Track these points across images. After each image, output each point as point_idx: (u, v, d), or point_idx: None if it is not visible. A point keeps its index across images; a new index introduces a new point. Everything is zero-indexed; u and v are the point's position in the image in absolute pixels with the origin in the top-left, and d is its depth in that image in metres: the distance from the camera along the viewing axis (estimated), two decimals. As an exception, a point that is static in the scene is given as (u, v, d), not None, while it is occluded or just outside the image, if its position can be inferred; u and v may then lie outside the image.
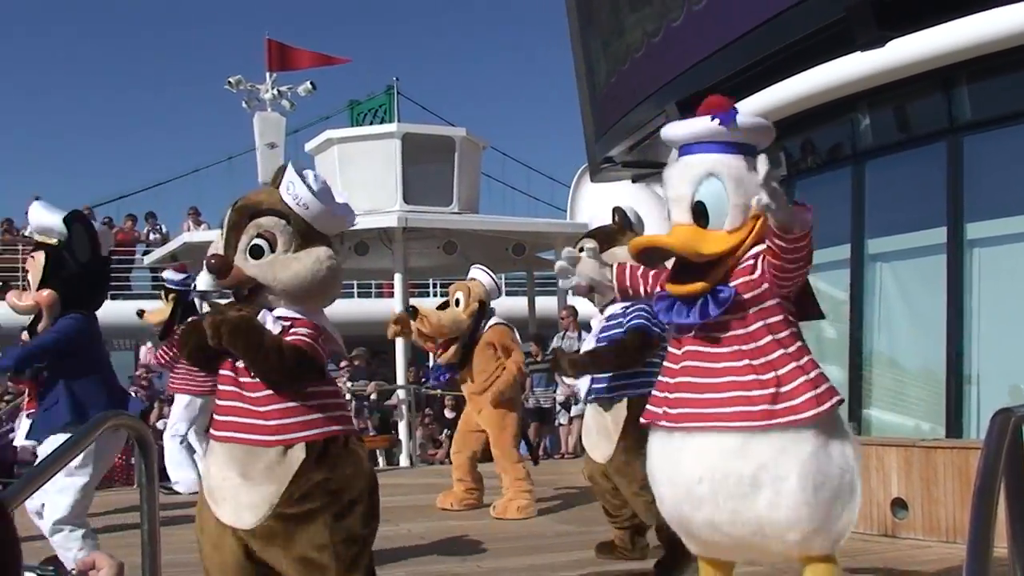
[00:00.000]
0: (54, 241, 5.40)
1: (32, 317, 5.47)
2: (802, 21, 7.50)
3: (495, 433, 8.11)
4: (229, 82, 16.11)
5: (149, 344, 8.74)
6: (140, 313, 9.87)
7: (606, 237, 5.93)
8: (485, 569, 5.98)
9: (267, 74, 16.17)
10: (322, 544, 3.64)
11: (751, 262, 3.75)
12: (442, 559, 6.33)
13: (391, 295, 16.05)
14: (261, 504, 3.59)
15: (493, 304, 8.27)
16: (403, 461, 13.07)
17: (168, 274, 9.70)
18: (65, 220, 5.41)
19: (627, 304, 5.58)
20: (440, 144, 14.86)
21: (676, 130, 3.97)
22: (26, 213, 5.53)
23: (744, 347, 3.70)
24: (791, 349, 3.74)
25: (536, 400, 13.72)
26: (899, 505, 6.36)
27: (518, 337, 8.37)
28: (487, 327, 8.14)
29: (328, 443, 3.71)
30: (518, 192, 29.16)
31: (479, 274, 8.37)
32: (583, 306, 10.39)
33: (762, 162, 3.52)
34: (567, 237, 14.88)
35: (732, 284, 3.72)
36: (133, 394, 13.22)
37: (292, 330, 3.71)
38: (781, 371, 3.67)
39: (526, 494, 7.97)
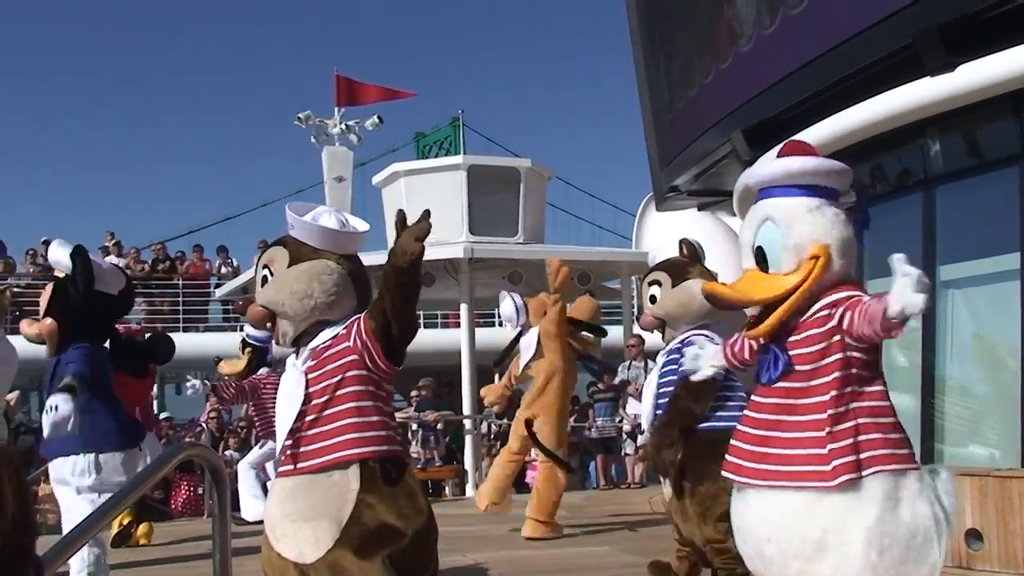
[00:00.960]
0: (62, 275, 5.75)
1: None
2: (870, 47, 7.45)
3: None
4: (299, 117, 16.39)
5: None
6: (217, 361, 9.93)
7: (676, 270, 5.77)
8: (552, 600, 5.95)
9: (335, 109, 16.42)
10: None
11: (826, 311, 3.65)
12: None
13: (457, 325, 16.12)
14: (321, 538, 3.57)
15: None
16: (469, 491, 13.08)
17: (250, 329, 9.65)
18: (71, 255, 5.79)
19: (684, 339, 5.51)
20: (505, 175, 14.93)
21: (749, 179, 3.99)
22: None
23: (808, 401, 3.61)
24: (865, 404, 3.63)
25: (599, 430, 13.64)
26: (974, 536, 6.23)
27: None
28: None
29: (384, 465, 3.65)
30: (583, 221, 29.20)
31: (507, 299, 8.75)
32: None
33: (899, 263, 3.33)
34: (632, 265, 14.85)
35: (801, 335, 3.65)
36: (204, 426, 13.48)
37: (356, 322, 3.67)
38: (842, 426, 3.57)
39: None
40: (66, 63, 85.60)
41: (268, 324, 3.82)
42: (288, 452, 3.72)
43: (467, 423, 13.48)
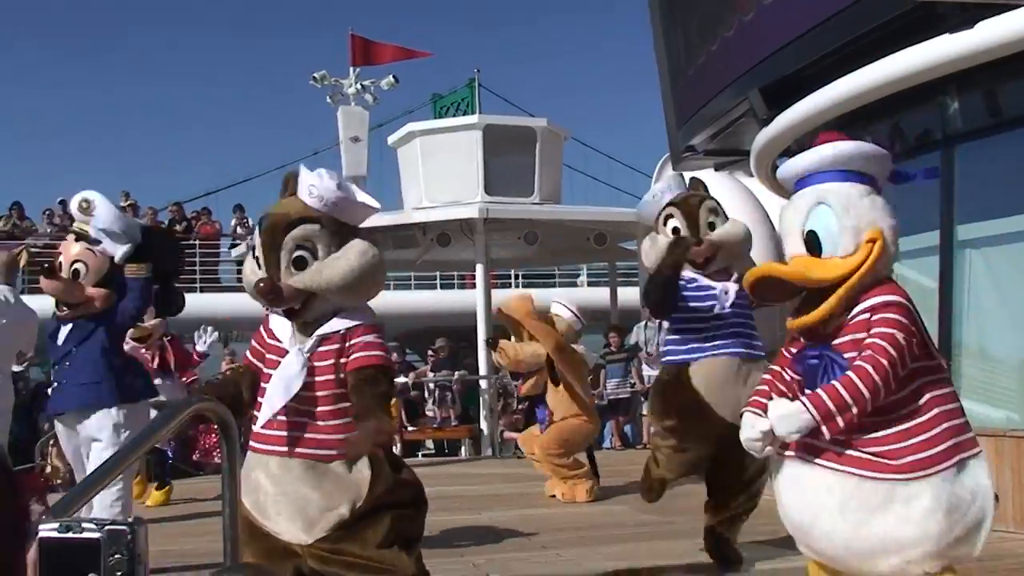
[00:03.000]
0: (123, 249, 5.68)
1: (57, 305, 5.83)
2: (888, 3, 7.34)
3: (559, 438, 8.21)
4: (314, 77, 16.30)
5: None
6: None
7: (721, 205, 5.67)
8: (566, 558, 5.98)
9: (351, 69, 16.31)
10: (376, 547, 3.63)
11: (865, 315, 3.62)
12: (523, 549, 6.36)
13: (473, 286, 16.12)
14: (327, 519, 3.62)
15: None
16: (485, 450, 13.13)
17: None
18: (144, 233, 5.81)
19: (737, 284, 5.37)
20: (521, 135, 14.87)
21: (787, 169, 3.94)
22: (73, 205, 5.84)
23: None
24: (933, 395, 3.60)
25: (611, 394, 13.61)
26: (990, 497, 6.21)
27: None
28: None
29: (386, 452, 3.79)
30: (600, 183, 29.06)
31: (559, 309, 8.43)
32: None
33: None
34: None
35: (846, 338, 3.60)
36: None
37: (359, 347, 3.70)
38: (916, 421, 3.55)
39: (586, 479, 8.06)
40: (82, 24, 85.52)
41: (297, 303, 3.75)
42: (281, 432, 3.70)
43: (483, 383, 13.51)
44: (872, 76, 7.76)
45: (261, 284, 3.64)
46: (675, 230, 5.55)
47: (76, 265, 5.69)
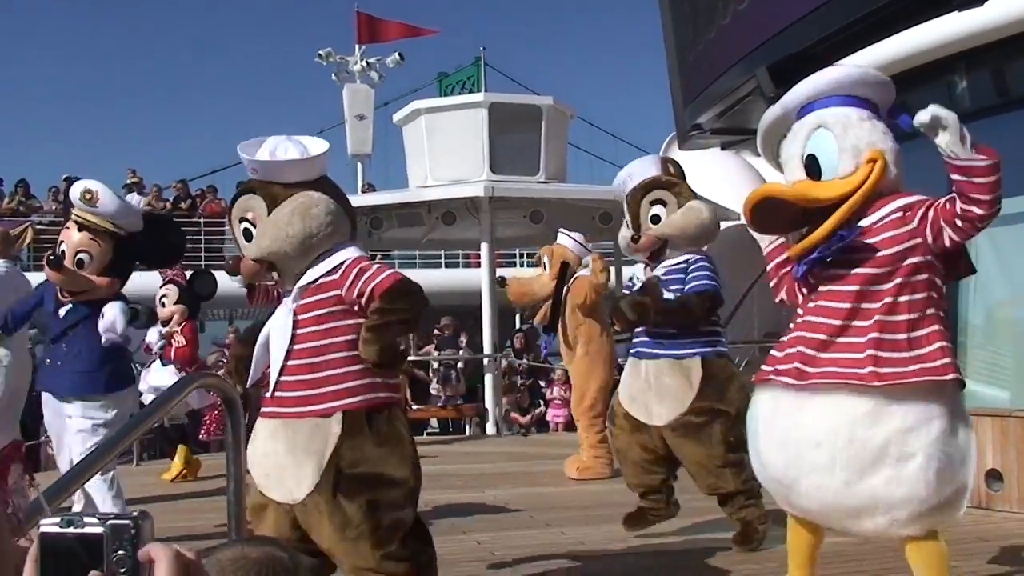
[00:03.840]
0: (122, 232, 5.77)
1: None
2: (896, -19, 7.29)
3: (579, 389, 8.19)
4: (319, 55, 16.27)
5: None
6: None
7: (677, 189, 5.60)
8: (570, 537, 5.99)
9: (356, 46, 16.28)
10: (358, 524, 3.50)
11: (899, 214, 3.62)
12: (527, 527, 6.37)
13: (478, 265, 16.10)
14: (304, 480, 3.51)
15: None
16: (489, 429, 13.15)
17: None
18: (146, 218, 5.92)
19: (688, 257, 5.46)
20: (527, 113, 14.80)
21: (788, 99, 3.92)
22: (72, 191, 5.86)
23: (880, 303, 3.56)
24: (929, 312, 3.61)
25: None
26: (994, 477, 6.21)
27: (603, 279, 8.28)
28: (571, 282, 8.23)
29: (371, 415, 3.57)
30: (605, 162, 28.98)
31: (563, 238, 8.46)
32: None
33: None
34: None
35: (877, 238, 3.59)
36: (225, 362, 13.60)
37: (369, 273, 3.54)
38: (920, 332, 3.55)
39: (604, 456, 8.01)
40: (89, 2, 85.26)
41: (269, 272, 3.73)
42: (274, 393, 3.64)
43: (487, 361, 13.52)
44: (880, 54, 7.73)
45: (228, 263, 3.70)
46: (626, 224, 5.68)
47: (80, 255, 5.74)
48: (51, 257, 5.72)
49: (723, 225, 13.64)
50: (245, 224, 3.67)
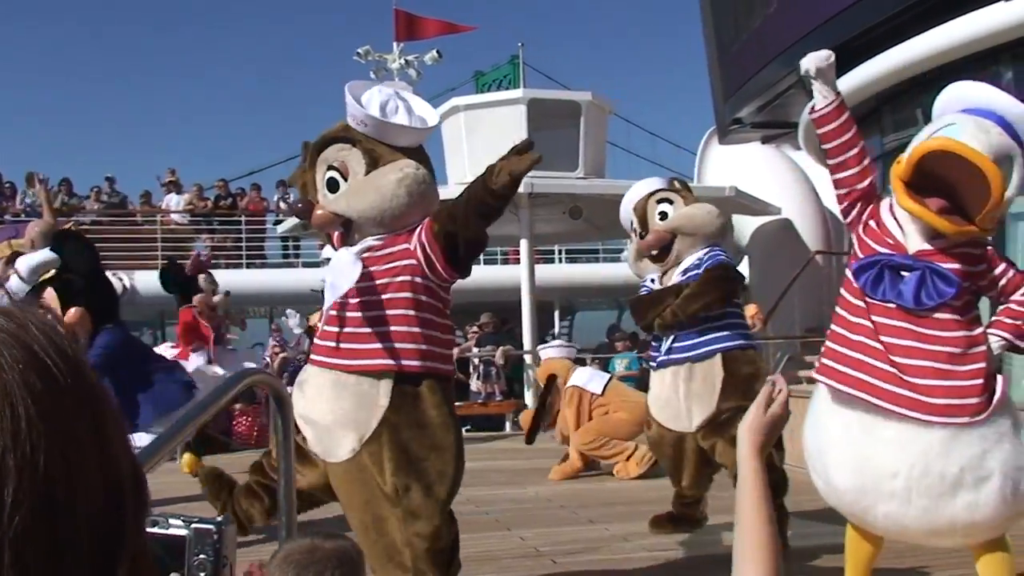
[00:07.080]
0: (52, 273, 5.92)
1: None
2: (942, -29, 7.22)
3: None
4: (358, 53, 16.26)
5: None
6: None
7: (686, 190, 5.61)
8: (612, 533, 5.97)
9: (395, 44, 16.27)
10: (395, 495, 3.41)
11: (978, 251, 3.63)
12: (571, 523, 6.35)
13: (517, 261, 16.08)
14: (343, 445, 3.47)
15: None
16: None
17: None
18: (55, 243, 6.06)
19: (700, 254, 5.28)
20: (565, 109, 14.76)
21: (954, 91, 3.94)
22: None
23: (942, 333, 3.50)
24: (979, 332, 3.59)
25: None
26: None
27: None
28: None
29: (419, 382, 3.46)
30: (643, 160, 28.83)
31: (550, 352, 9.16)
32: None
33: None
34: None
35: (948, 265, 3.52)
36: (268, 360, 13.64)
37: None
38: (984, 361, 3.51)
39: (634, 451, 8.03)
40: (134, 6, 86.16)
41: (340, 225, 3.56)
42: (327, 341, 3.55)
43: (527, 358, 13.50)
44: (924, 46, 7.65)
45: (298, 204, 3.54)
46: (635, 231, 5.57)
47: None
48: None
49: (763, 220, 13.64)
50: (333, 174, 3.53)
